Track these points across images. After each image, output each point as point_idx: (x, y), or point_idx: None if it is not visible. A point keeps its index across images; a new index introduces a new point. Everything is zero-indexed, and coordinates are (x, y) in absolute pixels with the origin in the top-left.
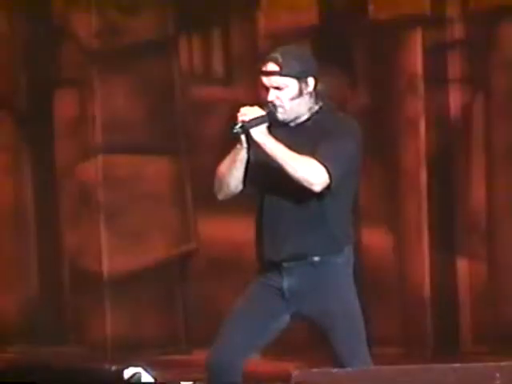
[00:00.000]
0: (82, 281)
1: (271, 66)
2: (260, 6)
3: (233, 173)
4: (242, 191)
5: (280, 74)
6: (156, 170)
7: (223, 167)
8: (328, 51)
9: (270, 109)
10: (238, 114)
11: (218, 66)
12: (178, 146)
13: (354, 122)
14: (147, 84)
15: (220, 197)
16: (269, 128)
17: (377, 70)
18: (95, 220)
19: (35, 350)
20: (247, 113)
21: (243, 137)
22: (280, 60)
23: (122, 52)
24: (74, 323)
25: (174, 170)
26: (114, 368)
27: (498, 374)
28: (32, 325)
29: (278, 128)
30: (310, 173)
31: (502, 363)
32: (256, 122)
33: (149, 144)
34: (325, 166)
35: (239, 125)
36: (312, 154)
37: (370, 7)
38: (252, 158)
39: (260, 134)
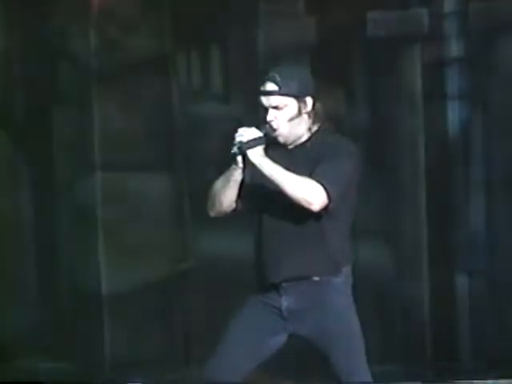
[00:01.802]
0: (80, 298)
1: (270, 86)
2: (259, 23)
3: (226, 192)
4: (234, 210)
5: (279, 93)
6: (154, 187)
7: (217, 186)
8: (326, 68)
9: (268, 130)
10: (236, 135)
11: (216, 84)
12: (176, 163)
13: (351, 144)
14: (146, 101)
15: (212, 214)
16: (266, 149)
17: (375, 86)
18: (93, 238)
19: (33, 367)
20: (244, 134)
21: (239, 157)
22: (278, 79)
23: (121, 69)
24: (72, 341)
25: (172, 187)
26: None
27: None
28: (30, 342)
29: (275, 149)
30: (308, 193)
31: (502, 381)
32: (253, 143)
33: (147, 161)
34: (323, 186)
35: (237, 146)
36: (310, 175)
37: (369, 24)
38: (248, 178)
39: (257, 155)
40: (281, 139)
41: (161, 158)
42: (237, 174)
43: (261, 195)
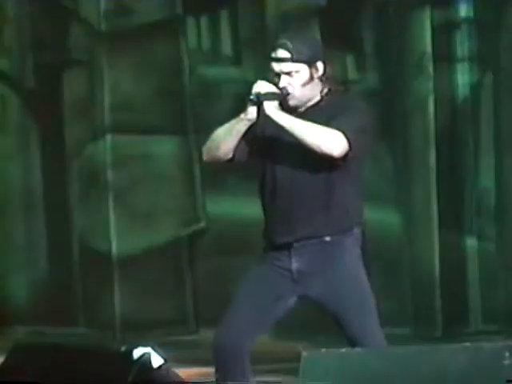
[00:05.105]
0: (92, 261)
1: (281, 53)
2: None
3: (226, 140)
4: (231, 160)
5: (291, 60)
6: (164, 150)
7: (219, 131)
8: (336, 31)
9: (283, 91)
10: (254, 86)
11: (226, 46)
12: (186, 126)
13: (364, 103)
14: (156, 64)
15: (206, 158)
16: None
17: (385, 49)
18: (104, 200)
19: (45, 331)
20: (263, 86)
21: (254, 109)
22: (290, 46)
23: (131, 33)
24: (84, 304)
25: (182, 149)
26: (123, 348)
27: (507, 354)
28: (42, 306)
29: (288, 112)
30: (328, 138)
31: None
32: (270, 96)
33: (157, 124)
34: (342, 133)
35: (255, 95)
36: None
37: None
38: (261, 136)
39: (273, 107)
40: (292, 102)
41: (171, 120)
42: (242, 125)
43: (274, 153)
